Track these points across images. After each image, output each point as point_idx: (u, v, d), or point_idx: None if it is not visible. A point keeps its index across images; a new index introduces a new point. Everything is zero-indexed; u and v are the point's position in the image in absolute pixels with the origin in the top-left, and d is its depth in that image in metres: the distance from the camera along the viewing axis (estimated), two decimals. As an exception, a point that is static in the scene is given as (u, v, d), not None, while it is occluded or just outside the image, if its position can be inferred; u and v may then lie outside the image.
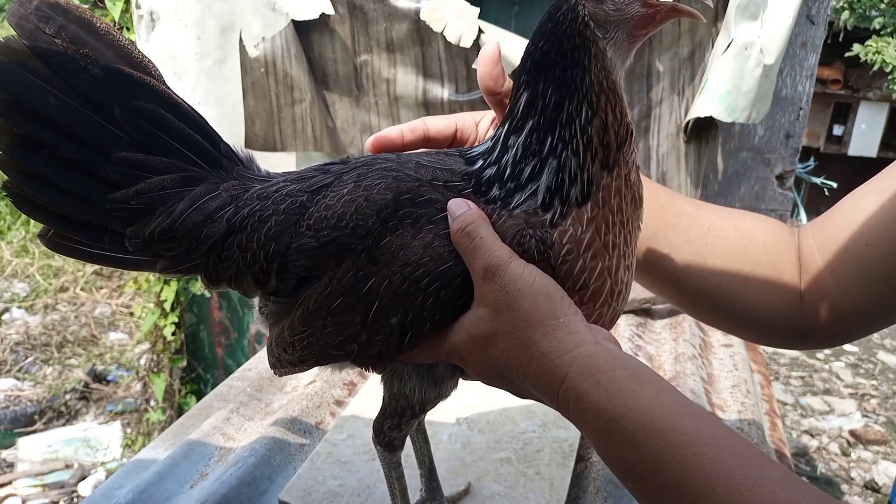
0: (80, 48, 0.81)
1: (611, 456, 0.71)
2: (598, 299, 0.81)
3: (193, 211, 0.86)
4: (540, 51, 0.78)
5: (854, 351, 5.41)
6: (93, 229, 0.88)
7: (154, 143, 0.86)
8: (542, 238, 0.77)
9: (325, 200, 0.83)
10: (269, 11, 2.04)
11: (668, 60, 2.12)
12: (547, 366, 0.72)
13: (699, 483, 0.63)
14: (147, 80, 0.86)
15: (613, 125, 0.78)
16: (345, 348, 0.84)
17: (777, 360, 5.24)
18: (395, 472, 0.96)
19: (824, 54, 2.29)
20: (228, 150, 0.93)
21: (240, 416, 1.44)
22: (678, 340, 1.84)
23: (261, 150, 2.14)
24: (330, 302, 0.81)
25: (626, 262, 0.83)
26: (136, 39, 2.19)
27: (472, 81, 2.11)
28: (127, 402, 4.17)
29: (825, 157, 7.18)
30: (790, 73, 2.22)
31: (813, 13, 2.17)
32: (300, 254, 0.83)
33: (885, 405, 4.66)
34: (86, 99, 0.83)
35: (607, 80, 0.77)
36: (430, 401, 0.89)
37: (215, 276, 0.89)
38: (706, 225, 1.04)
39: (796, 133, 2.28)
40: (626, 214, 0.81)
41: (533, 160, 0.79)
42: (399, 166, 0.83)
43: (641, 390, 0.69)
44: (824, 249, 0.97)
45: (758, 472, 0.63)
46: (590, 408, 0.69)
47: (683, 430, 0.66)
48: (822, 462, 4.03)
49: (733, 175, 2.32)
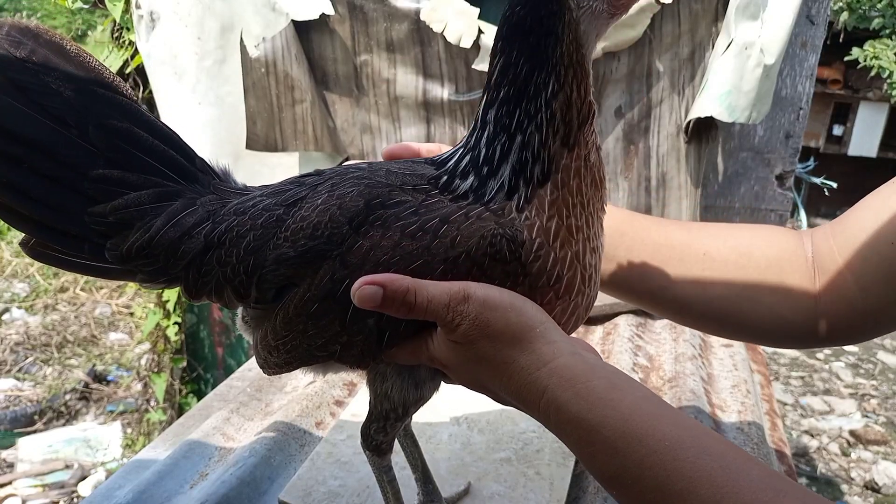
0: (52, 71, 0.83)
1: (594, 465, 0.71)
2: (572, 290, 0.81)
3: (171, 227, 0.88)
4: (517, 15, 0.77)
5: (854, 351, 5.41)
6: (74, 239, 0.90)
7: (129, 160, 0.88)
8: (513, 237, 0.77)
9: (301, 212, 0.84)
10: (269, 11, 2.04)
11: (668, 60, 2.12)
12: (527, 379, 0.73)
13: (681, 487, 0.63)
14: (119, 100, 0.88)
15: (577, 102, 0.78)
16: (328, 349, 0.85)
17: (777, 360, 5.24)
18: (385, 475, 0.97)
19: (824, 54, 2.29)
20: (204, 165, 0.95)
21: (240, 416, 1.44)
22: (678, 340, 1.84)
23: (262, 149, 2.14)
24: (309, 307, 0.82)
25: (591, 245, 0.82)
26: (137, 39, 2.19)
27: (472, 81, 2.11)
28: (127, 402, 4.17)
29: (825, 157, 7.18)
30: (790, 73, 2.22)
31: (813, 13, 2.17)
32: (279, 264, 0.84)
33: (885, 405, 4.66)
34: (60, 120, 0.85)
35: (577, 53, 0.76)
36: (412, 402, 0.89)
37: (195, 291, 0.91)
38: (702, 251, 1.04)
39: (796, 133, 2.28)
40: (587, 196, 0.81)
41: (503, 136, 0.79)
42: (370, 174, 0.85)
43: (620, 398, 0.69)
44: (845, 249, 0.97)
45: (738, 472, 0.63)
46: (570, 419, 0.70)
47: (663, 435, 0.66)
48: (822, 462, 4.02)
49: (733, 175, 2.32)
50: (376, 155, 2.24)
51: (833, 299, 0.99)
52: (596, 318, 2.01)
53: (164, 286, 0.94)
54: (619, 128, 2.17)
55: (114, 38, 2.49)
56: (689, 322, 1.13)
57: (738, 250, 1.04)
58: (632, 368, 1.67)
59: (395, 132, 2.21)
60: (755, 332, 1.08)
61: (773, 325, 1.03)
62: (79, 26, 5.46)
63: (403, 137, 2.20)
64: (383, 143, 2.22)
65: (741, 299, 1.02)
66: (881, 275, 0.93)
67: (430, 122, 2.17)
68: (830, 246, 0.99)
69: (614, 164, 2.20)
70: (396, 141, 2.21)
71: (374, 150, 2.23)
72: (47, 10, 8.44)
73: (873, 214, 0.95)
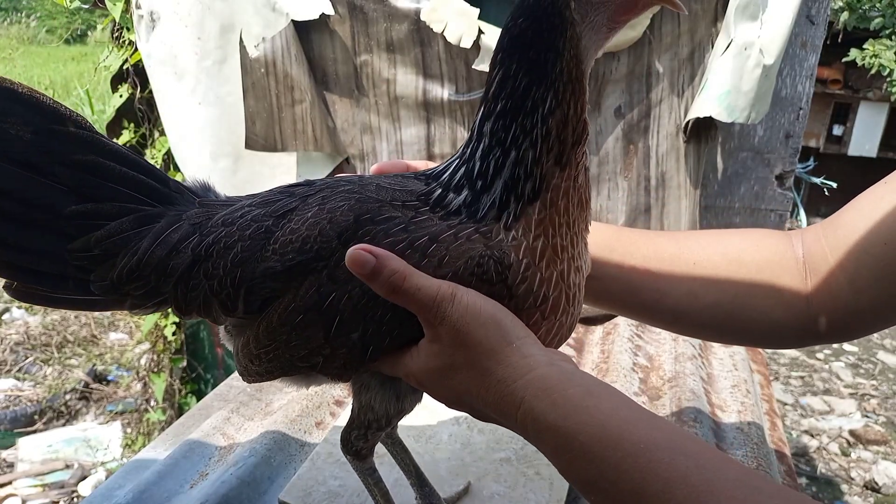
0: (7, 117, 0.83)
1: (571, 472, 0.71)
2: (557, 309, 0.81)
3: (158, 245, 0.87)
4: (518, 28, 0.76)
5: (854, 351, 5.41)
6: (56, 278, 0.89)
7: (101, 192, 0.88)
8: (500, 259, 0.77)
9: (290, 224, 0.83)
10: (269, 11, 2.04)
11: (668, 60, 2.12)
12: (504, 391, 0.73)
13: (658, 489, 0.63)
14: (80, 134, 0.87)
15: (573, 119, 0.77)
16: (310, 360, 0.85)
17: (777, 360, 5.24)
18: (370, 477, 0.97)
19: (824, 54, 2.28)
20: (178, 186, 0.94)
21: (240, 416, 1.44)
22: (678, 340, 1.84)
23: (261, 150, 2.14)
24: (294, 317, 0.82)
25: (575, 265, 0.82)
26: (137, 39, 2.18)
27: (472, 81, 2.11)
28: (127, 402, 4.17)
29: (825, 157, 7.18)
30: (790, 73, 2.22)
31: (813, 13, 2.17)
32: (266, 278, 0.83)
33: (885, 405, 4.66)
34: (24, 163, 0.84)
35: (576, 70, 0.76)
36: (393, 414, 0.90)
37: (184, 307, 0.90)
38: (691, 260, 1.05)
39: (796, 133, 2.28)
40: (573, 216, 0.81)
41: (497, 150, 0.78)
42: (361, 188, 0.84)
43: (596, 405, 0.70)
44: (837, 249, 0.97)
45: (714, 472, 0.63)
46: (547, 427, 0.70)
47: (638, 438, 0.66)
48: (822, 462, 4.03)
49: (733, 175, 2.32)
50: (376, 155, 2.23)
51: (825, 299, 0.99)
52: (596, 319, 2.01)
53: (154, 309, 0.93)
54: (619, 128, 2.17)
55: (114, 38, 2.49)
56: (684, 331, 1.14)
57: (728, 257, 1.04)
58: (632, 368, 1.67)
59: (395, 132, 2.21)
60: (750, 336, 1.09)
61: (767, 328, 1.03)
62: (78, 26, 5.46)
63: (403, 137, 2.20)
64: (383, 144, 2.22)
65: (734, 305, 1.03)
66: (874, 275, 0.93)
67: (430, 123, 2.17)
68: (822, 246, 1.00)
69: (614, 164, 2.20)
70: (397, 141, 2.21)
71: (374, 151, 2.23)
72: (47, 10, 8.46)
73: (865, 215, 0.95)
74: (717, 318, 1.04)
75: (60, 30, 13.46)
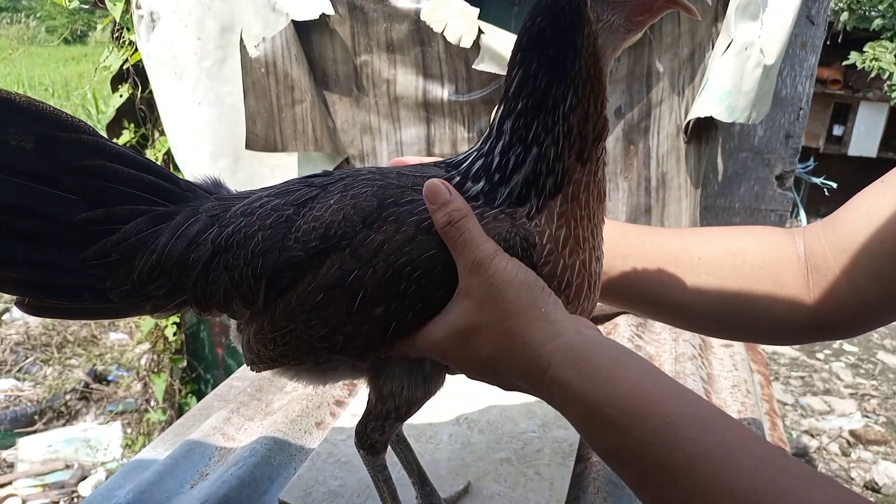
0: (7, 128, 0.81)
1: (596, 441, 0.72)
2: (580, 295, 0.84)
3: (177, 239, 0.86)
4: (537, 27, 0.77)
5: (854, 351, 5.40)
6: (71, 290, 0.86)
7: (111, 196, 0.86)
8: (526, 237, 0.79)
9: (313, 212, 0.83)
10: (269, 11, 2.04)
11: (668, 61, 2.12)
12: (530, 355, 0.74)
13: (682, 463, 0.64)
14: (83, 139, 0.85)
15: (593, 116, 0.79)
16: (329, 340, 0.84)
17: (777, 360, 5.24)
18: (381, 474, 0.96)
19: (824, 55, 2.29)
20: (189, 184, 0.92)
21: (240, 416, 1.44)
22: (678, 340, 1.84)
23: (261, 150, 2.14)
24: (314, 296, 0.81)
25: (595, 254, 0.85)
26: (137, 39, 2.19)
27: (472, 82, 2.11)
28: (127, 402, 4.16)
29: (825, 157, 7.18)
30: (790, 74, 2.22)
31: (813, 13, 2.17)
32: (288, 268, 0.83)
33: (885, 405, 4.66)
34: (29, 174, 0.82)
35: (595, 67, 0.77)
36: (416, 400, 0.89)
37: (205, 302, 0.89)
38: (696, 256, 1.06)
39: (796, 133, 2.28)
40: (593, 209, 0.83)
41: (518, 147, 0.80)
42: (382, 177, 0.85)
43: (623, 376, 0.70)
44: (836, 248, 0.98)
45: (740, 450, 0.64)
46: (573, 396, 0.71)
47: (665, 412, 0.67)
48: (822, 462, 4.02)
49: (733, 175, 2.32)
50: (376, 155, 2.23)
51: (825, 297, 1.00)
52: (596, 318, 2.01)
53: (175, 310, 0.91)
54: (619, 128, 2.17)
55: (114, 38, 2.49)
56: (687, 326, 1.15)
57: (732, 252, 1.05)
58: (632, 368, 1.67)
59: (395, 132, 2.21)
60: (753, 332, 1.10)
61: (769, 323, 1.04)
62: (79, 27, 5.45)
63: (403, 138, 2.20)
64: (383, 144, 2.22)
65: (737, 300, 1.04)
66: (872, 273, 0.94)
67: (431, 123, 2.17)
68: (822, 244, 1.01)
69: (614, 164, 2.20)
70: (397, 141, 2.21)
71: (374, 151, 2.23)
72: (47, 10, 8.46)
73: (863, 214, 0.96)
74: (721, 313, 1.05)
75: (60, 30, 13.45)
